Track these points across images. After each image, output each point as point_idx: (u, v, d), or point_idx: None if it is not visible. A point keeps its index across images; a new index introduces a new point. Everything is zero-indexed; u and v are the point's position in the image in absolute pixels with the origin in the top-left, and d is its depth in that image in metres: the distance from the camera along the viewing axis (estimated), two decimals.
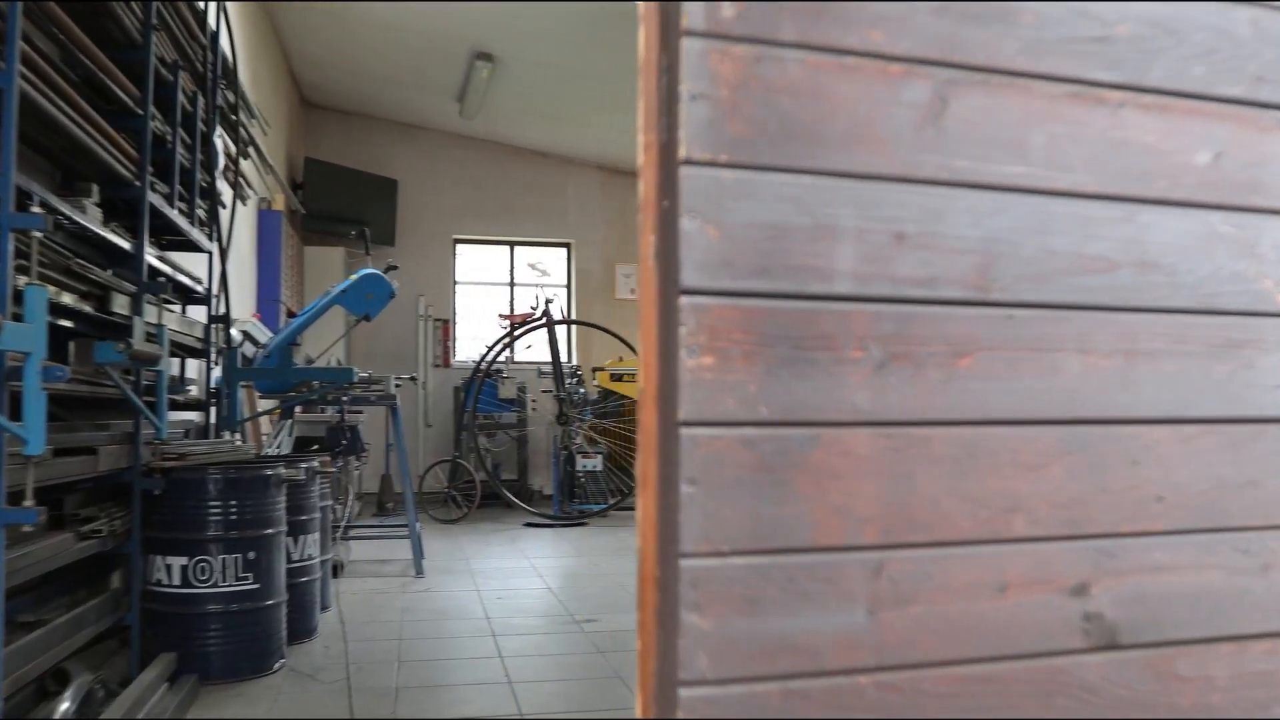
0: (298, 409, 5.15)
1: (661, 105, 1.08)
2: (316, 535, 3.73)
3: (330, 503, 4.24)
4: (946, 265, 1.10)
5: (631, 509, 8.03)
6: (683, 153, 1.03)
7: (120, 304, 2.84)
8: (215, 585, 2.97)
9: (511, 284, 10.11)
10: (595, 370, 8.87)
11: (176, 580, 2.96)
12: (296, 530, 3.55)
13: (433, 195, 9.69)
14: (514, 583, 4.96)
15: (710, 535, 1.02)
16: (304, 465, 3.56)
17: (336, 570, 4.97)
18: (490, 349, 7.80)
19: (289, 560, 3.43)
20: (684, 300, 1.01)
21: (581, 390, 8.36)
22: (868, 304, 1.07)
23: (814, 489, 1.04)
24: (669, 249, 1.03)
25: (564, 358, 9.85)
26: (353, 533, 5.71)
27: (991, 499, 1.10)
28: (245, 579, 3.03)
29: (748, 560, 1.02)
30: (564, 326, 9.89)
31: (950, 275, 1.10)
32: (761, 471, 1.03)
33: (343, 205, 8.82)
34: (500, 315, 7.73)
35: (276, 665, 3.20)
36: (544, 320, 7.60)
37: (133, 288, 2.91)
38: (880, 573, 1.06)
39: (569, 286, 10.20)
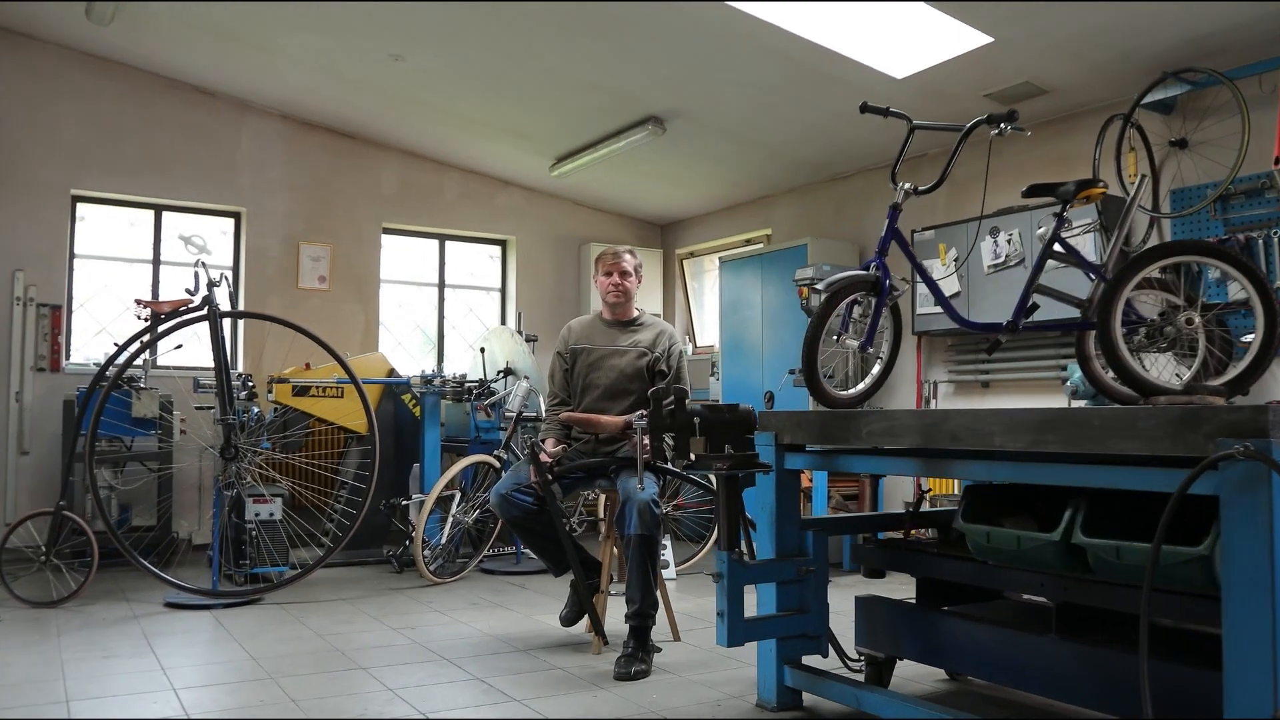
0: None
1: None
2: None
3: None
4: None
5: (341, 563, 5.81)
6: None
7: None
8: None
9: (156, 261, 7.58)
10: (273, 380, 6.64)
11: None
12: None
13: (42, 132, 7.01)
14: None
15: None
16: None
17: None
18: (121, 348, 5.41)
19: None
20: None
21: (254, 409, 6.13)
22: None
23: None
24: None
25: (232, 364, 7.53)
26: None
27: None
28: None
29: None
30: (235, 320, 7.55)
31: None
32: None
33: None
34: (139, 301, 5.37)
35: None
36: (205, 310, 5.34)
37: None
38: None
39: (236, 268, 7.82)
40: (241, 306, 7.67)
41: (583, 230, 9.23)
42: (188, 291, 5.28)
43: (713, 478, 3.72)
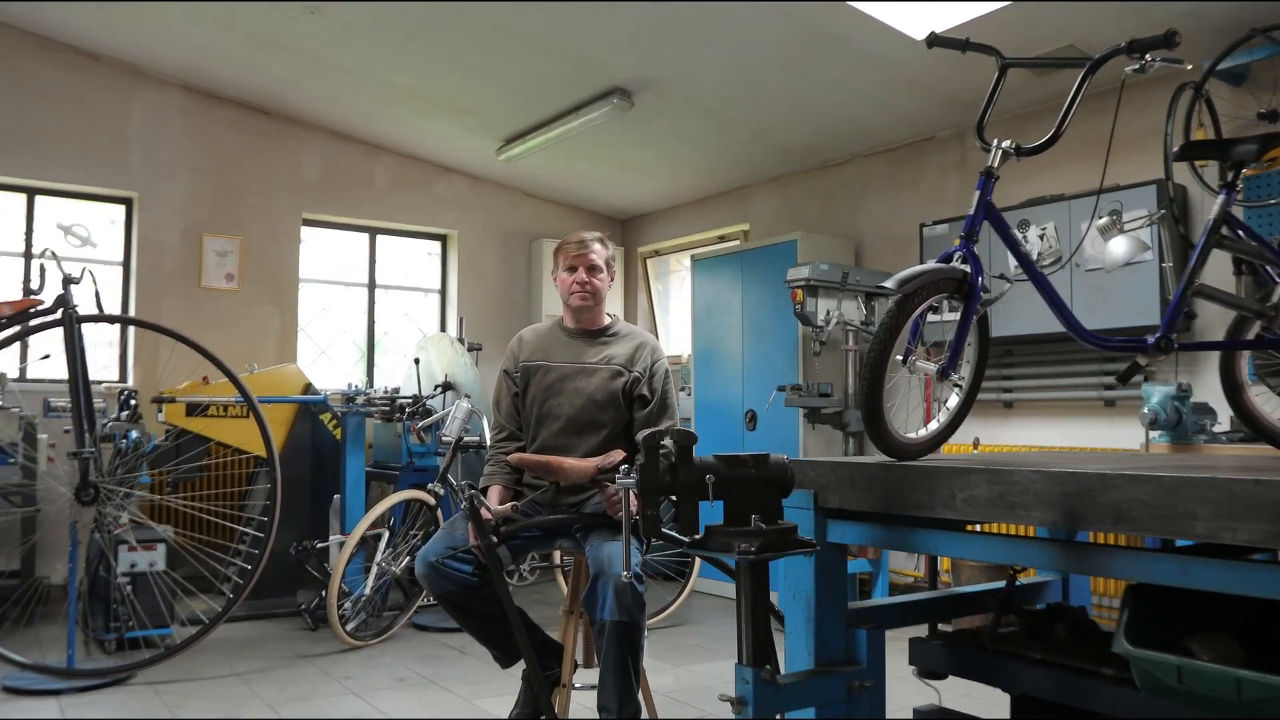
0: None
1: None
2: None
3: None
4: None
5: (245, 616, 4.28)
6: None
7: None
8: None
9: (28, 254, 6.40)
10: (159, 401, 5.51)
11: None
12: None
13: None
14: None
15: None
16: None
17: None
18: None
19: None
20: None
21: (131, 434, 5.01)
22: None
23: None
24: None
25: (111, 380, 6.46)
26: None
27: None
28: None
29: None
30: (101, 326, 6.40)
31: None
32: None
33: None
34: None
35: None
36: (59, 314, 4.23)
37: None
38: None
39: (127, 264, 6.68)
40: (133, 309, 6.54)
41: (534, 224, 8.19)
42: (29, 291, 4.15)
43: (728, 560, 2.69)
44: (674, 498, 2.28)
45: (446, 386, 6.10)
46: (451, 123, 6.80)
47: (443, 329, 7.91)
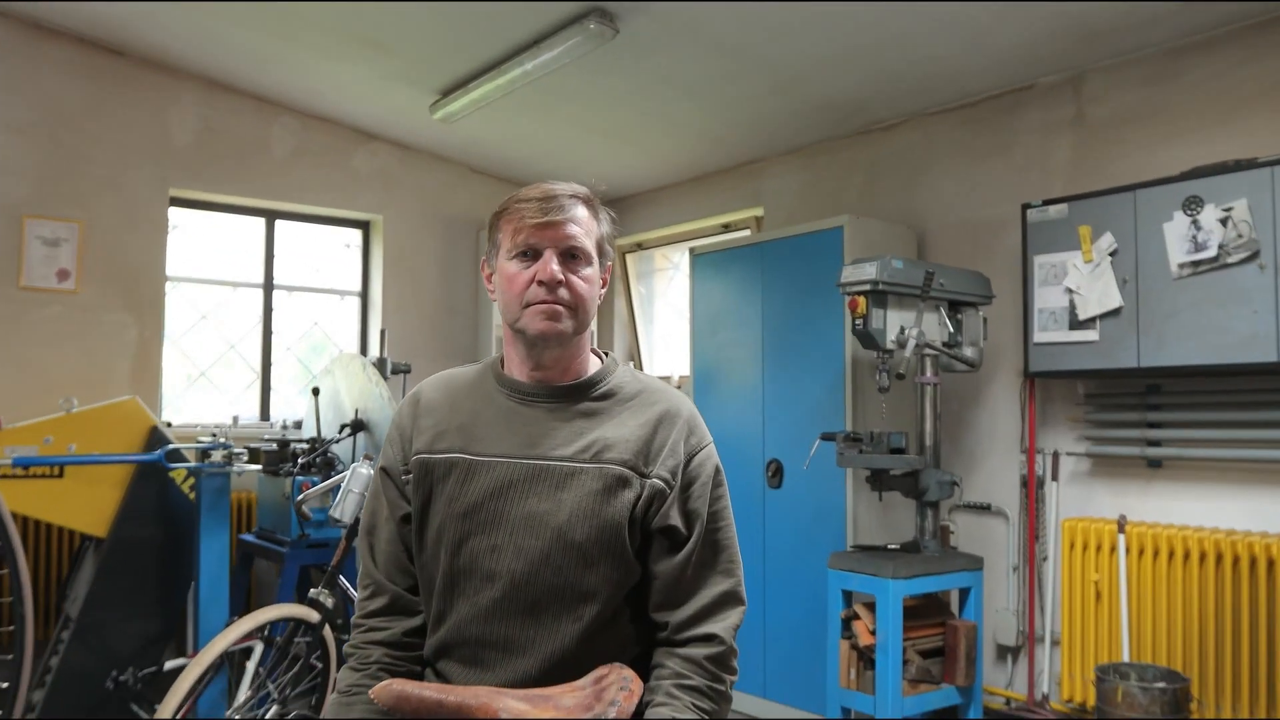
0: None
1: None
2: None
3: None
4: None
5: None
6: None
7: None
8: None
9: None
10: None
11: None
12: None
13: None
14: None
15: None
16: None
17: None
18: None
19: None
20: None
21: None
22: None
23: None
24: None
25: None
26: None
27: None
28: None
29: None
30: None
31: None
32: None
33: None
34: None
35: None
36: None
37: None
38: None
39: None
40: None
41: (480, 208, 6.44)
42: None
43: None
44: None
45: (357, 426, 4.39)
46: (369, 66, 5.04)
47: (363, 342, 6.16)
